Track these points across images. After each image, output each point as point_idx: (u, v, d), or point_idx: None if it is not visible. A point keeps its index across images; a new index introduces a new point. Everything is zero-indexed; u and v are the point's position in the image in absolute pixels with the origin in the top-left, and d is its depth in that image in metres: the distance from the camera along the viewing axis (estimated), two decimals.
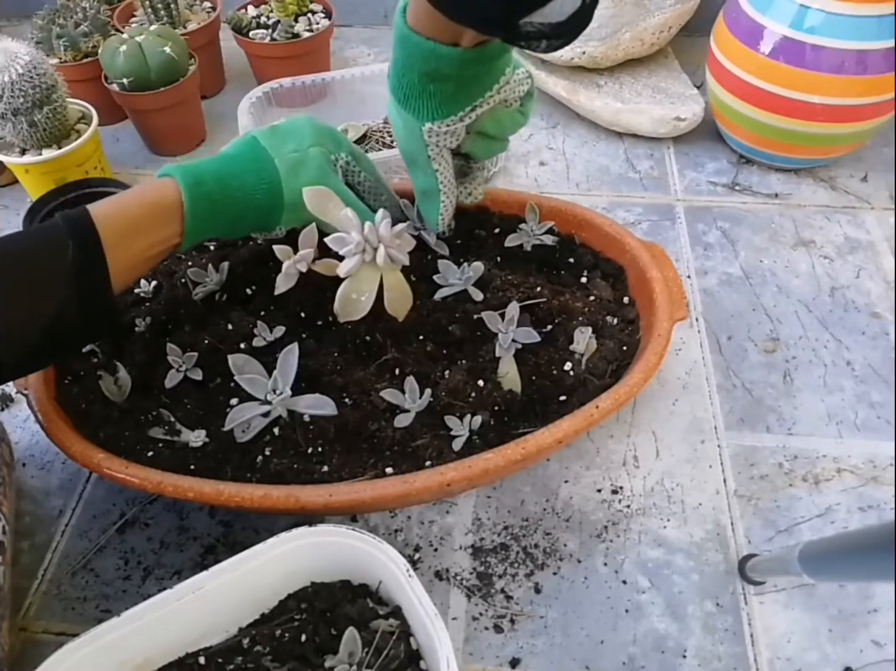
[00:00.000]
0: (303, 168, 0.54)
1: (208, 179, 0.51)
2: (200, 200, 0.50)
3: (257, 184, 0.53)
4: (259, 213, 0.54)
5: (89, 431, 0.53)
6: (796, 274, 0.75)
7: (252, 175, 0.53)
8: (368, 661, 0.41)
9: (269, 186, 0.53)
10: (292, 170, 0.53)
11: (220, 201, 0.51)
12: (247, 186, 0.52)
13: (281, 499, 0.47)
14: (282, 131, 0.55)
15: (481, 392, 0.54)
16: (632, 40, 0.88)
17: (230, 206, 0.52)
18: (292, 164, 0.53)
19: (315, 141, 0.55)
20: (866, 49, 0.71)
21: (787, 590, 0.53)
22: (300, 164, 0.54)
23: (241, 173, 0.52)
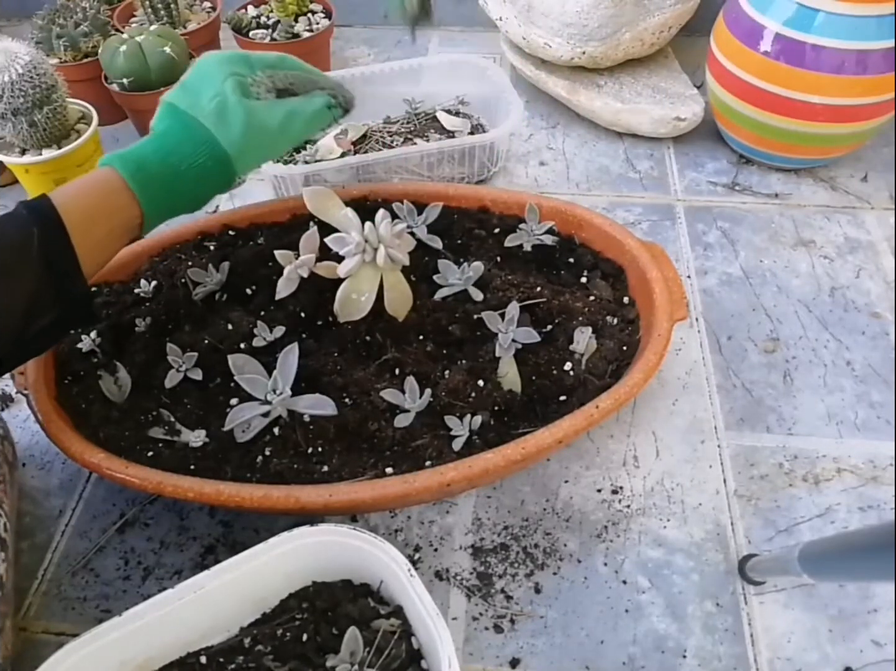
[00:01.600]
0: (227, 111, 0.51)
1: (150, 163, 0.50)
2: (149, 185, 0.49)
3: (196, 151, 0.51)
4: (212, 177, 0.52)
5: (89, 431, 0.53)
6: (796, 274, 0.75)
7: (188, 145, 0.51)
8: (370, 661, 0.41)
9: (207, 148, 0.51)
10: (220, 119, 0.51)
11: (169, 180, 0.50)
12: (188, 157, 0.50)
13: (281, 499, 0.47)
14: (191, 85, 0.53)
15: (481, 392, 0.54)
16: (632, 40, 0.88)
17: (181, 182, 0.51)
18: (216, 113, 0.51)
19: (225, 75, 0.52)
20: (866, 49, 0.71)
21: (787, 590, 0.53)
22: (223, 108, 0.51)
23: (176, 146, 0.51)
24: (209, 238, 0.67)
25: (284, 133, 0.54)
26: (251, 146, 0.52)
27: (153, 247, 0.66)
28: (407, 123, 0.89)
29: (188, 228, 0.68)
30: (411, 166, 0.82)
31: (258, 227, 0.69)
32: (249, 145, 0.52)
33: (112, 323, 0.60)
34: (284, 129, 0.54)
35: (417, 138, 0.87)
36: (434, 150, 0.79)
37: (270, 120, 0.53)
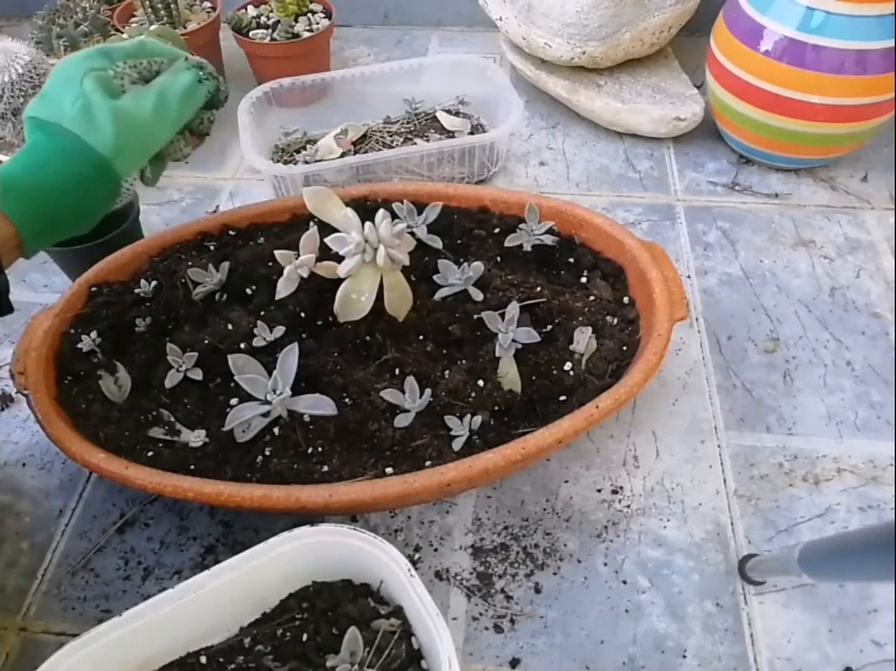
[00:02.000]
0: (92, 112, 0.47)
1: (18, 180, 0.46)
2: (20, 203, 0.45)
3: (67, 160, 0.47)
4: (93, 184, 0.48)
5: (89, 431, 0.53)
6: (796, 274, 0.75)
7: (57, 155, 0.47)
8: (370, 661, 0.41)
9: (80, 156, 0.47)
10: (87, 122, 0.47)
11: (44, 196, 0.46)
12: (60, 169, 0.47)
13: (281, 499, 0.47)
14: (51, 92, 0.48)
15: (481, 392, 0.54)
16: (632, 40, 0.88)
17: (57, 195, 0.47)
18: (80, 116, 0.47)
19: (83, 73, 0.48)
20: (866, 49, 0.71)
21: (787, 590, 0.53)
22: (87, 110, 0.47)
23: (46, 159, 0.47)
24: (209, 238, 0.67)
25: (160, 120, 0.50)
26: (128, 143, 0.48)
27: (153, 247, 0.66)
28: (407, 123, 0.89)
29: (188, 228, 0.68)
30: (411, 166, 0.82)
31: (258, 227, 0.69)
32: (125, 143, 0.48)
33: (112, 323, 0.60)
34: (159, 116, 0.50)
35: (417, 138, 0.87)
36: (434, 150, 0.79)
37: (140, 110, 0.49)
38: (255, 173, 0.89)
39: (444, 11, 1.12)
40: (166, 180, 0.89)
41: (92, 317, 0.61)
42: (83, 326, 0.61)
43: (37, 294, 0.76)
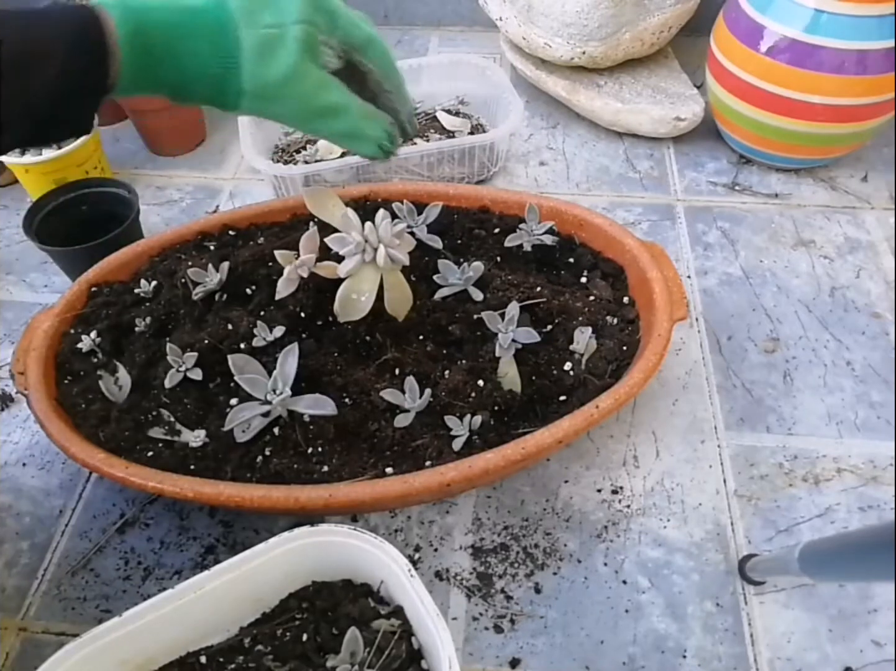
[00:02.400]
0: (277, 51, 0.41)
1: (153, 31, 0.40)
2: (139, 54, 0.40)
3: (211, 57, 0.41)
4: (210, 90, 0.43)
5: (89, 431, 0.53)
6: (796, 274, 0.75)
7: (207, 43, 0.41)
8: (370, 661, 0.41)
9: (224, 63, 0.41)
10: (262, 51, 0.41)
11: (162, 62, 0.41)
12: (198, 56, 0.41)
13: (281, 499, 0.47)
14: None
15: (481, 392, 0.54)
16: (632, 40, 0.88)
17: (172, 72, 0.42)
18: (264, 43, 0.41)
19: (302, 16, 0.42)
20: (866, 49, 0.71)
21: (787, 590, 0.53)
22: (275, 44, 0.41)
23: (194, 36, 0.41)
24: (209, 238, 0.67)
25: (312, 121, 0.45)
26: (273, 102, 0.43)
27: (153, 247, 0.66)
28: None
29: (188, 228, 0.68)
30: (411, 166, 0.82)
31: (258, 227, 0.69)
32: (273, 100, 0.43)
33: (112, 323, 0.60)
34: (317, 119, 0.45)
35: (417, 138, 0.87)
36: (434, 150, 0.79)
37: (315, 100, 0.44)
38: (255, 173, 0.89)
39: (444, 11, 1.12)
40: (166, 180, 0.89)
41: (92, 317, 0.61)
42: (83, 326, 0.61)
43: (37, 294, 0.76)
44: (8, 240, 0.82)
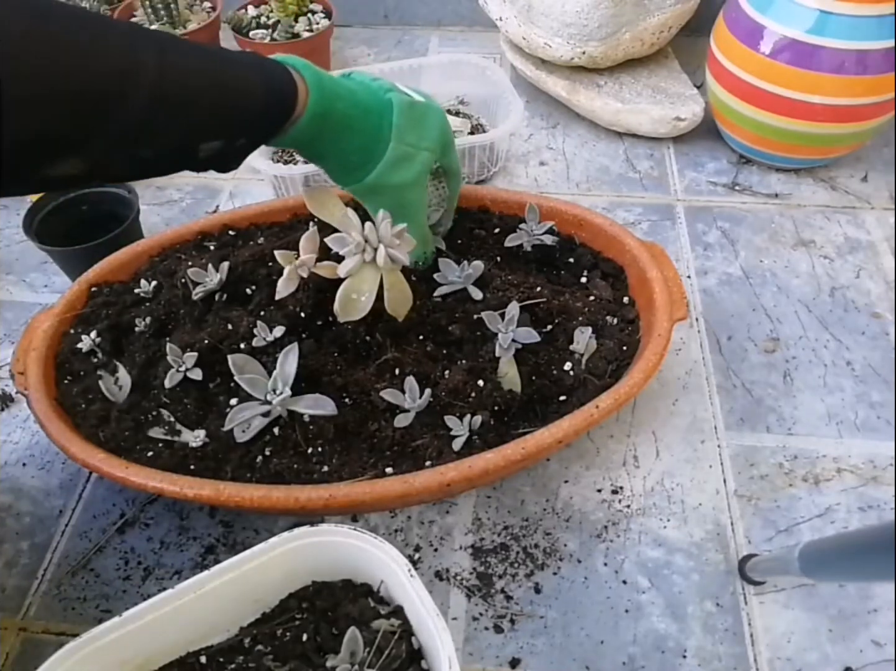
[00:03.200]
0: (406, 166, 0.52)
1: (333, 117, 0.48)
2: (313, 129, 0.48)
3: (361, 149, 0.50)
4: (340, 170, 0.52)
5: (89, 431, 0.53)
6: (796, 274, 0.75)
7: (364, 139, 0.50)
8: (370, 661, 0.41)
9: (366, 159, 0.51)
10: (397, 162, 0.51)
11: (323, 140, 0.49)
12: (352, 147, 0.50)
13: (281, 499, 0.47)
14: (417, 115, 0.52)
15: (481, 392, 0.54)
16: (632, 40, 0.88)
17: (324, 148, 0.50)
18: (401, 156, 0.51)
19: (433, 145, 0.53)
20: (866, 49, 0.71)
21: (787, 590, 0.53)
22: (407, 160, 0.52)
23: (359, 132, 0.50)
24: (209, 238, 0.67)
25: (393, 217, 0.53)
26: (376, 196, 0.53)
27: (153, 247, 0.66)
28: None
29: (188, 228, 0.68)
30: None
31: (258, 227, 0.69)
32: (377, 195, 0.52)
33: (112, 323, 0.60)
34: (396, 218, 0.53)
35: None
36: None
37: (405, 209, 0.54)
38: (255, 173, 0.89)
39: (444, 11, 1.12)
40: (166, 180, 0.89)
41: (92, 317, 0.61)
42: (83, 326, 0.61)
43: (37, 294, 0.76)
44: (8, 240, 0.82)
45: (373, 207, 0.54)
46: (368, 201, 0.54)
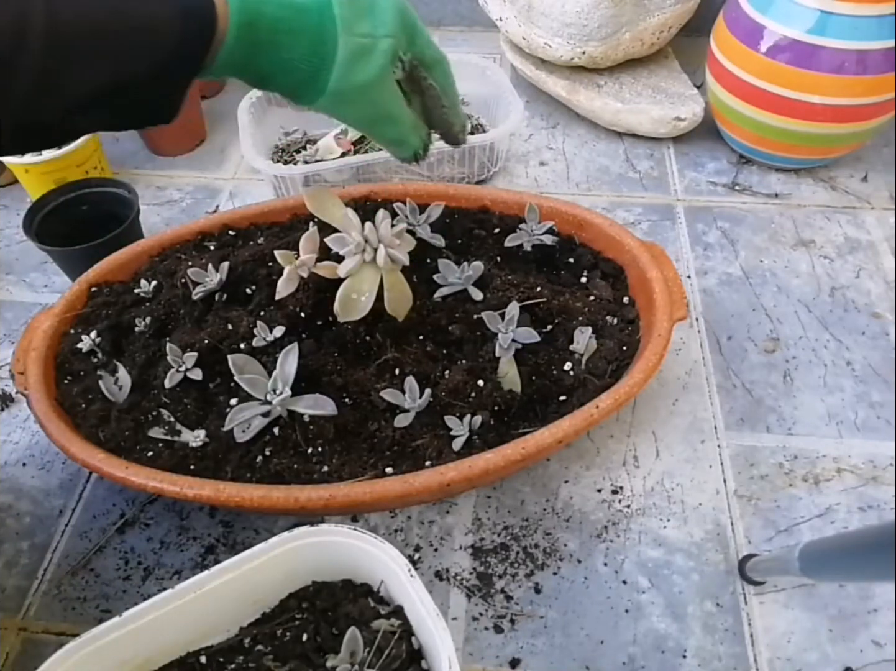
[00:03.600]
0: (365, 60, 0.45)
1: (262, 24, 0.42)
2: (244, 45, 0.42)
3: (308, 55, 0.44)
4: (296, 84, 0.46)
5: (89, 431, 0.53)
6: (796, 274, 0.75)
7: (308, 42, 0.43)
8: (370, 661, 0.41)
9: (318, 64, 0.44)
10: (353, 58, 0.44)
11: (261, 53, 0.43)
12: (297, 52, 0.44)
13: (281, 499, 0.47)
14: (364, 1, 0.45)
15: (481, 392, 0.54)
16: (632, 40, 0.88)
17: (267, 63, 0.44)
18: (357, 51, 0.44)
19: (392, 30, 0.46)
20: (866, 49, 0.71)
21: (787, 590, 0.53)
22: (365, 53, 0.45)
23: (297, 33, 0.43)
24: (209, 238, 0.67)
25: (371, 125, 0.49)
26: (347, 105, 0.47)
27: (153, 247, 0.66)
28: None
29: (188, 228, 0.68)
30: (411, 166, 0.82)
31: (258, 227, 0.69)
32: (347, 101, 0.46)
33: (112, 323, 0.60)
34: (376, 124, 0.49)
35: None
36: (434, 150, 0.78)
37: (382, 108, 0.47)
38: (255, 173, 0.89)
39: (444, 11, 1.12)
40: (166, 180, 0.89)
41: (92, 317, 0.61)
42: (83, 326, 0.61)
43: (37, 294, 0.76)
44: (8, 240, 0.82)
45: (347, 119, 0.49)
46: (340, 114, 0.48)
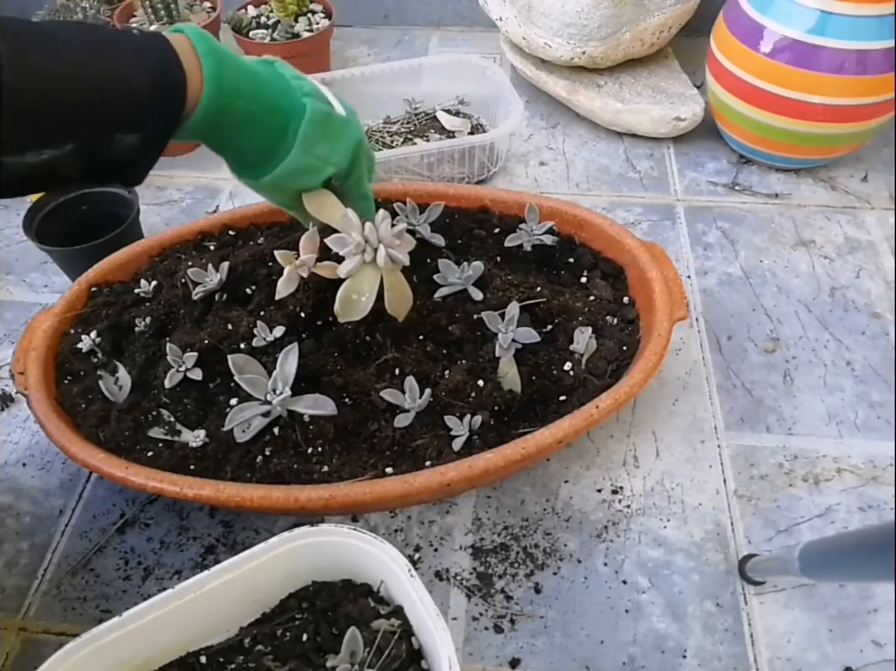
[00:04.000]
0: (308, 177, 0.49)
1: (231, 112, 0.44)
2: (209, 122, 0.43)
3: (261, 150, 0.47)
4: (242, 165, 0.49)
5: (89, 431, 0.53)
6: (796, 274, 0.75)
7: (265, 140, 0.46)
8: (370, 661, 0.41)
9: (266, 160, 0.47)
10: (298, 171, 0.48)
11: (221, 135, 0.46)
12: (252, 141, 0.46)
13: (281, 499, 0.47)
14: (331, 128, 0.48)
15: (481, 392, 0.54)
16: (632, 40, 0.88)
17: (219, 143, 0.47)
18: (304, 167, 0.48)
19: (341, 162, 0.49)
20: (866, 49, 0.71)
21: (787, 590, 0.53)
22: (311, 172, 0.49)
23: (259, 129, 0.46)
24: (209, 238, 0.67)
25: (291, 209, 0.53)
26: (272, 194, 0.52)
27: (153, 247, 0.66)
28: (407, 123, 0.89)
29: (188, 228, 0.68)
30: (411, 166, 0.82)
31: (258, 227, 0.69)
32: (273, 193, 0.51)
33: (112, 323, 0.60)
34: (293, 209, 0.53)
35: (417, 138, 0.87)
36: (434, 150, 0.79)
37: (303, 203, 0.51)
38: None
39: (444, 11, 1.12)
40: (166, 180, 0.89)
41: (92, 317, 0.61)
42: (83, 326, 0.61)
43: (37, 294, 0.76)
44: (8, 240, 0.82)
45: (275, 201, 0.53)
46: (265, 195, 0.53)
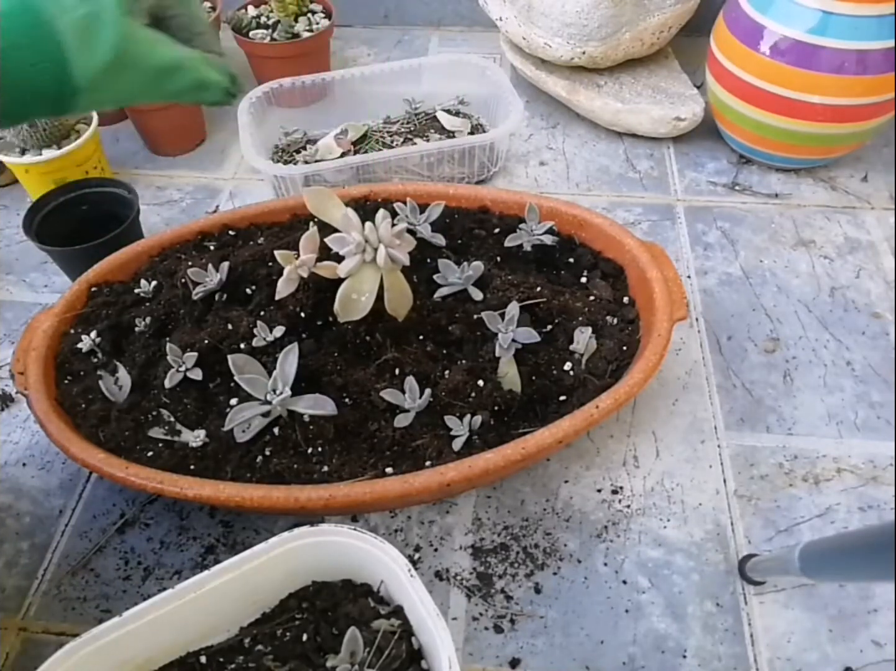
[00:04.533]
0: (97, 30, 0.36)
1: None
2: None
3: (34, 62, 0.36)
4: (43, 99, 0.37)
5: (89, 431, 0.53)
6: (796, 274, 0.75)
7: (27, 49, 0.35)
8: (370, 661, 0.41)
9: (50, 66, 0.36)
10: (83, 36, 0.36)
11: None
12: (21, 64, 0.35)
13: (281, 499, 0.47)
14: None
15: (481, 392, 0.54)
16: (632, 40, 0.88)
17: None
18: (82, 27, 0.36)
19: None
20: (866, 49, 0.71)
21: (787, 590, 0.53)
22: (93, 23, 0.36)
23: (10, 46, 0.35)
24: (209, 238, 0.67)
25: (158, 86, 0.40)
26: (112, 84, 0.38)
27: (153, 247, 0.66)
28: (407, 123, 0.89)
29: (188, 228, 0.68)
30: (411, 166, 0.82)
31: (258, 227, 0.69)
32: (111, 82, 0.38)
33: (112, 323, 0.60)
34: (160, 81, 0.40)
35: (417, 138, 0.87)
36: (434, 150, 0.79)
37: (152, 61, 0.39)
38: (255, 173, 0.89)
39: (444, 11, 1.12)
40: (166, 180, 0.89)
41: (92, 317, 0.61)
42: (83, 326, 0.61)
43: (37, 294, 0.76)
44: (8, 240, 0.82)
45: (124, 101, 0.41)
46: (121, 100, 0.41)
